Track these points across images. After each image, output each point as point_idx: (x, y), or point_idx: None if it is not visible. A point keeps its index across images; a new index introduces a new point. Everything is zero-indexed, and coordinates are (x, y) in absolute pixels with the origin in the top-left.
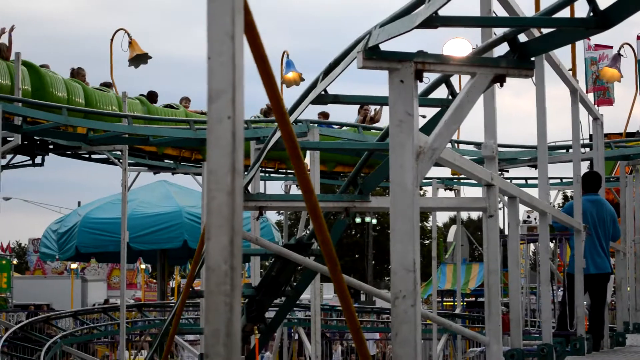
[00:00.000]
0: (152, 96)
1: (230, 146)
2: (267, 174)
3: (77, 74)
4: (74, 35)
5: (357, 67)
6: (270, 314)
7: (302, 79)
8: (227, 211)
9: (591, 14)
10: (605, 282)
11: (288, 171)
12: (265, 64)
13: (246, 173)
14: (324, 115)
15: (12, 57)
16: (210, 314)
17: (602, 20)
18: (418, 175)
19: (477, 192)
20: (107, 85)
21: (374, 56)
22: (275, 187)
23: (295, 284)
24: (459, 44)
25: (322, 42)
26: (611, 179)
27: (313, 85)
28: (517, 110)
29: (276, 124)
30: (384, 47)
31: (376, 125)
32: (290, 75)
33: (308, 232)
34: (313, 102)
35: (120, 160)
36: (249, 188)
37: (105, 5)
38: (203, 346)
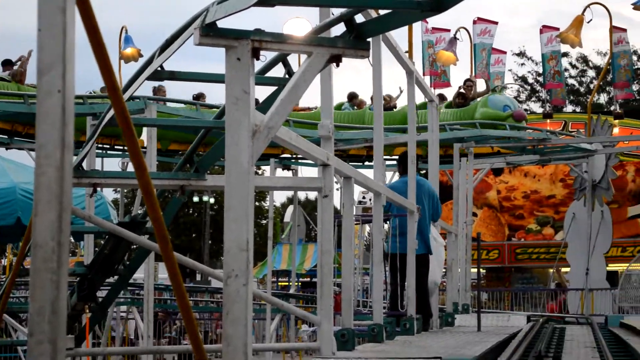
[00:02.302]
0: (200, 98)
1: (60, 120)
2: (104, 151)
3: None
4: None
5: (193, 43)
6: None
7: (141, 55)
8: (56, 187)
9: None
10: (425, 261)
11: (126, 148)
12: (98, 37)
13: (81, 149)
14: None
15: None
16: (36, 291)
17: (436, 3)
18: (254, 153)
19: (315, 172)
20: None
21: (210, 33)
22: (112, 164)
23: (128, 262)
24: (298, 24)
25: (164, 18)
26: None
27: (149, 61)
28: (358, 90)
29: None
30: (223, 24)
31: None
32: (129, 51)
33: (143, 210)
34: (149, 78)
35: None
36: (84, 164)
37: None
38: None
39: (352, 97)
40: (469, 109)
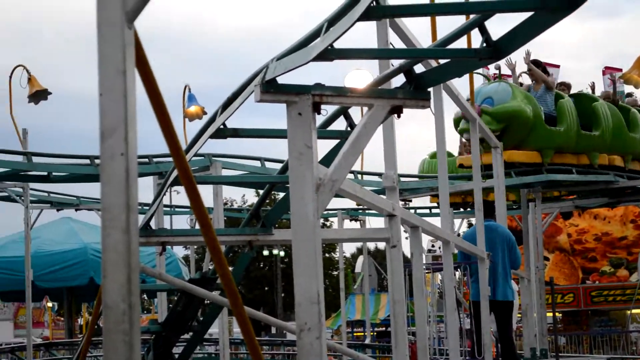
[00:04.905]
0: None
1: (124, 183)
2: (172, 208)
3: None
4: None
5: (254, 100)
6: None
7: (205, 113)
8: (123, 248)
9: (484, 44)
10: (499, 308)
11: None
12: (159, 99)
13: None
14: None
15: None
16: (109, 352)
17: (494, 51)
18: (319, 206)
19: (382, 222)
20: None
21: (271, 89)
22: (182, 220)
23: (201, 318)
24: (359, 75)
25: (227, 78)
26: (513, 207)
27: (212, 119)
28: (422, 140)
29: None
30: (283, 79)
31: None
32: (193, 109)
33: (214, 266)
34: (212, 136)
35: (22, 198)
36: (152, 223)
37: (2, 41)
38: None
39: None
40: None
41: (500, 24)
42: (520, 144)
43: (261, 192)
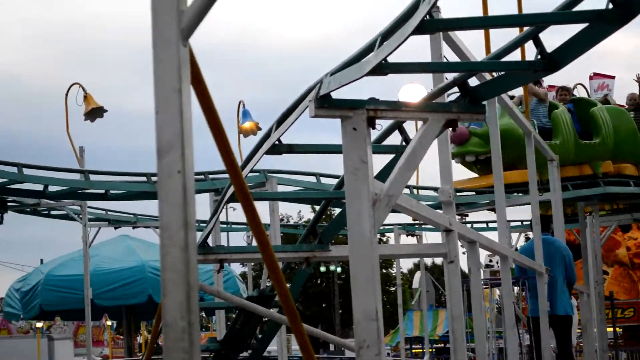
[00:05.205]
0: None
1: (182, 200)
2: (228, 225)
3: None
4: (26, 91)
5: (309, 116)
6: None
7: (259, 128)
8: (182, 266)
9: (539, 56)
10: (558, 324)
11: None
12: (214, 115)
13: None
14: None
15: None
16: None
17: (549, 63)
18: (375, 222)
19: (439, 237)
20: None
21: (325, 104)
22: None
23: (260, 336)
24: (413, 89)
25: (281, 92)
26: (570, 220)
27: (267, 135)
28: None
29: None
30: (337, 94)
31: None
32: (247, 125)
33: (271, 283)
34: (267, 152)
35: (80, 216)
36: (209, 240)
37: (59, 60)
38: None
39: None
40: None
41: (555, 36)
42: (514, 164)
43: (317, 208)
